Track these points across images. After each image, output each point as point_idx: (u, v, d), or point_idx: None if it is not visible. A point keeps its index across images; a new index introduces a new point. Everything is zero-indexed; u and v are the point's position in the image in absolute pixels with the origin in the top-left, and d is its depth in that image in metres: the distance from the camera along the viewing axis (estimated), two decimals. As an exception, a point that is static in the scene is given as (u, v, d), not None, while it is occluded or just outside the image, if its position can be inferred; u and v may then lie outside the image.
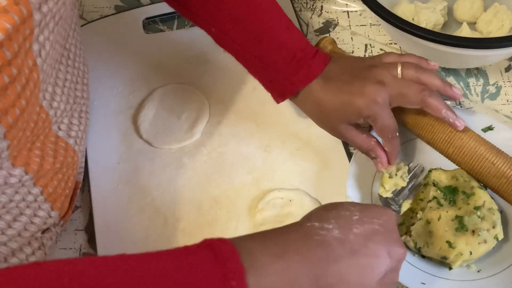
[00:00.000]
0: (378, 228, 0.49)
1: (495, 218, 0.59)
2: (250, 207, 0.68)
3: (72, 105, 0.61)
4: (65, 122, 0.60)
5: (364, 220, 0.49)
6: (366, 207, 0.51)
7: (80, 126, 0.63)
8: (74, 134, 0.61)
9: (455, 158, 0.63)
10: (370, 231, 0.48)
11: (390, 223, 0.50)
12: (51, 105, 0.57)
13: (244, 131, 0.75)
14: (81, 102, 0.63)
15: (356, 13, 0.88)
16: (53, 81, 0.56)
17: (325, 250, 0.46)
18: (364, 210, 0.50)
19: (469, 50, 0.70)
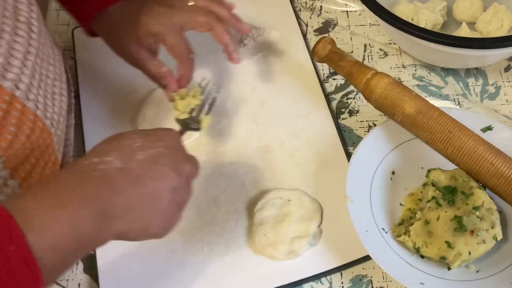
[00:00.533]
0: (162, 150, 0.50)
1: (494, 218, 0.59)
2: (249, 207, 0.68)
3: (39, 82, 0.59)
4: (40, 101, 0.59)
5: (146, 145, 0.50)
6: (148, 132, 0.52)
7: (55, 108, 0.62)
8: (49, 116, 0.61)
9: (454, 158, 0.63)
10: (154, 155, 0.49)
11: (174, 142, 0.52)
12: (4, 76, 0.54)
13: (243, 131, 0.75)
14: (49, 82, 0.62)
15: (356, 13, 0.88)
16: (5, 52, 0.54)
17: (106, 183, 0.46)
18: (146, 135, 0.51)
19: (469, 50, 0.70)
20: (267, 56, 0.83)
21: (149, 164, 0.48)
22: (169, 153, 0.50)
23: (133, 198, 0.47)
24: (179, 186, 0.50)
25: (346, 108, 0.78)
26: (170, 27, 0.67)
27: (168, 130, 0.53)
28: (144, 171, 0.48)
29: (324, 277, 0.64)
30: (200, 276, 0.64)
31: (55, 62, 0.65)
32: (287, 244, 0.64)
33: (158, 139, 0.51)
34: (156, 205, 0.48)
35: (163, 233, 0.52)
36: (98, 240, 0.47)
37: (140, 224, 0.48)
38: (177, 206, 0.51)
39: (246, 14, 0.87)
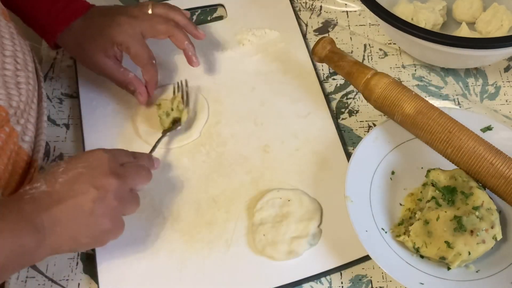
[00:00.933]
0: (82, 171, 0.56)
1: (493, 218, 0.59)
2: (249, 207, 0.68)
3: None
4: (1, 92, 0.60)
5: (68, 168, 0.57)
6: (74, 157, 0.59)
7: (21, 97, 0.63)
8: (15, 105, 0.62)
9: (454, 158, 0.63)
10: (74, 176, 0.56)
11: (95, 161, 0.58)
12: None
13: (243, 131, 0.75)
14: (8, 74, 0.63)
15: (355, 13, 0.88)
16: None
17: (35, 204, 0.54)
18: (70, 160, 0.58)
19: (468, 50, 0.70)
20: (267, 56, 0.83)
21: (70, 184, 0.55)
22: (88, 172, 0.56)
23: (57, 215, 0.54)
24: (98, 198, 0.55)
25: (346, 108, 0.78)
26: (132, 36, 0.72)
27: (93, 151, 0.59)
28: (65, 191, 0.55)
29: (324, 277, 0.64)
30: (200, 276, 0.64)
31: (16, 53, 0.65)
32: (286, 244, 0.64)
33: (80, 161, 0.58)
34: (79, 218, 0.55)
35: (96, 242, 0.58)
36: (34, 255, 0.53)
37: (69, 236, 0.55)
38: (103, 216, 0.56)
39: (246, 14, 0.87)
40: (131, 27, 0.73)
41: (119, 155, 0.61)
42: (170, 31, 0.74)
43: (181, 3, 0.88)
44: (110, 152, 0.60)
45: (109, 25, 0.73)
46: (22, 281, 0.65)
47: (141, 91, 0.75)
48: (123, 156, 0.62)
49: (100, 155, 0.58)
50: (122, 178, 0.58)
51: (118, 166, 0.59)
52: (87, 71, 0.81)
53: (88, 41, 0.73)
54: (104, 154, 0.59)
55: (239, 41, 0.84)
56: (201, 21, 0.89)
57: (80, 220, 0.55)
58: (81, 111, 0.77)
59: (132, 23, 0.73)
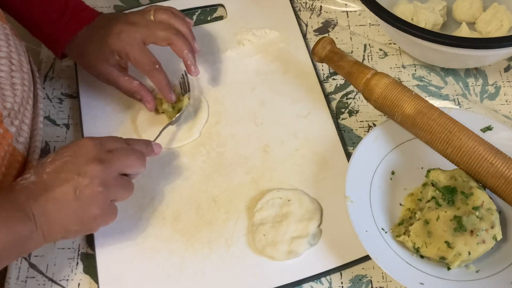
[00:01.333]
0: (67, 159, 0.58)
1: (493, 218, 0.59)
2: (249, 207, 0.68)
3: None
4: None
5: (55, 158, 0.58)
6: (62, 147, 0.60)
7: (16, 98, 0.63)
8: (9, 106, 0.62)
9: (454, 158, 0.63)
10: (59, 165, 0.57)
11: (81, 150, 0.58)
12: None
13: (242, 131, 0.75)
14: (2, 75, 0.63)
15: (355, 13, 0.88)
16: None
17: (24, 194, 0.55)
18: (58, 151, 0.59)
19: (468, 50, 0.70)
20: (267, 56, 0.83)
21: (55, 173, 0.57)
22: (72, 160, 0.58)
23: (45, 204, 0.55)
24: (82, 185, 0.56)
25: (346, 108, 0.78)
26: (130, 44, 0.72)
27: (80, 140, 0.60)
28: (51, 180, 0.56)
29: (324, 277, 0.64)
30: (200, 276, 0.64)
31: (11, 54, 0.65)
32: (286, 244, 0.64)
33: (66, 151, 0.59)
34: (65, 206, 0.56)
35: (85, 228, 0.59)
36: (29, 240, 0.55)
37: (58, 224, 0.56)
38: (89, 203, 0.57)
39: (246, 14, 0.87)
40: (129, 34, 0.72)
41: (107, 141, 0.61)
42: (170, 38, 0.72)
43: (181, 3, 0.88)
44: (97, 140, 0.60)
45: (108, 34, 0.72)
46: (22, 281, 0.65)
47: (148, 99, 0.74)
48: (112, 142, 0.61)
49: (85, 142, 0.59)
50: (106, 163, 0.58)
51: (103, 152, 0.59)
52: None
53: (90, 50, 0.73)
54: (90, 142, 0.59)
55: (239, 41, 0.84)
56: (201, 21, 0.89)
57: (66, 208, 0.56)
58: (81, 111, 0.78)
59: (130, 30, 0.72)
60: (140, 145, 0.64)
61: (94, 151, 0.58)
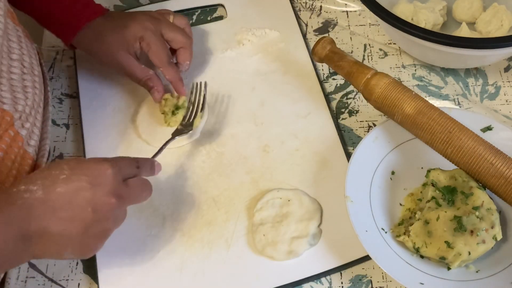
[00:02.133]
0: (85, 185, 0.52)
1: (494, 218, 0.59)
2: (249, 207, 0.68)
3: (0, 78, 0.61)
4: (6, 96, 0.59)
5: (71, 178, 0.52)
6: (79, 164, 0.54)
7: (27, 101, 0.63)
8: (21, 109, 0.61)
9: (454, 158, 0.63)
10: (75, 189, 0.52)
11: (100, 177, 0.53)
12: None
13: (242, 131, 0.75)
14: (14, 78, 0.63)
15: (355, 13, 0.88)
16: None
17: (26, 211, 0.50)
18: (75, 167, 0.53)
19: (468, 50, 0.70)
20: (267, 56, 0.82)
21: (68, 197, 0.52)
22: (91, 188, 0.52)
23: (48, 225, 0.51)
24: (95, 220, 0.53)
25: (346, 108, 0.78)
26: (155, 34, 0.74)
27: (100, 164, 0.54)
28: (62, 203, 0.51)
29: (324, 277, 0.64)
30: (200, 276, 0.64)
31: (23, 57, 0.65)
32: (286, 244, 0.64)
33: (85, 173, 0.53)
34: (69, 235, 0.52)
35: (79, 257, 0.56)
36: (15, 260, 0.53)
37: (54, 249, 0.53)
38: (92, 238, 0.54)
39: (246, 14, 0.87)
40: (154, 25, 0.74)
41: (124, 168, 0.57)
42: (186, 43, 0.76)
43: (181, 3, 0.88)
44: (116, 167, 0.55)
45: (132, 23, 0.74)
46: (22, 281, 0.65)
47: (159, 89, 0.74)
48: (127, 168, 0.58)
49: (106, 170, 0.54)
50: (123, 199, 0.55)
51: (122, 186, 0.55)
52: (87, 71, 0.81)
53: (110, 37, 0.73)
54: (110, 170, 0.54)
55: (239, 41, 0.84)
56: (201, 21, 0.89)
57: (70, 237, 0.52)
58: (81, 111, 0.78)
59: (154, 22, 0.75)
60: (147, 168, 0.61)
61: (114, 183, 0.54)
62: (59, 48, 0.85)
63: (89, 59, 0.82)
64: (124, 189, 0.55)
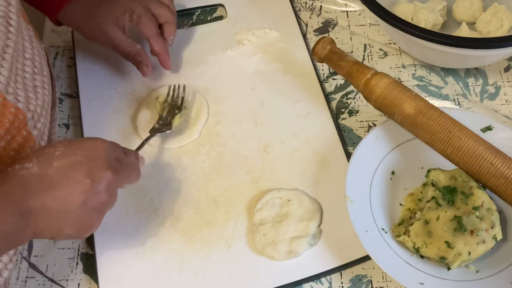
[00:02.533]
0: (81, 159, 0.53)
1: (494, 218, 0.59)
2: (249, 207, 0.68)
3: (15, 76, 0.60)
4: (21, 94, 0.60)
5: (66, 153, 0.53)
6: (73, 141, 0.56)
7: (38, 101, 0.63)
8: (32, 108, 0.61)
9: (454, 158, 0.63)
10: (71, 163, 0.53)
11: (95, 151, 0.55)
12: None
13: (242, 131, 0.75)
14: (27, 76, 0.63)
15: (355, 13, 0.88)
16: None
17: (23, 187, 0.50)
18: (69, 144, 0.55)
19: (468, 50, 0.70)
20: (267, 56, 0.82)
21: (65, 171, 0.52)
22: (87, 161, 0.53)
23: (47, 201, 0.51)
24: (93, 192, 0.53)
25: (346, 108, 0.78)
26: (144, 6, 0.75)
27: (93, 139, 0.56)
28: (59, 177, 0.52)
29: (324, 277, 0.64)
30: (200, 276, 0.64)
31: (34, 56, 0.65)
32: (286, 244, 0.64)
33: (79, 148, 0.54)
34: (68, 209, 0.52)
35: (78, 234, 0.55)
36: (18, 239, 0.51)
37: (54, 224, 0.52)
38: (92, 211, 0.54)
39: (246, 14, 0.87)
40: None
41: (116, 148, 0.59)
42: (171, 18, 0.77)
43: (181, 3, 0.88)
44: (110, 144, 0.57)
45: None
46: (22, 281, 0.65)
47: (147, 63, 0.76)
48: (119, 150, 0.60)
49: (101, 145, 0.56)
50: (117, 173, 0.56)
51: (115, 161, 0.57)
52: (87, 71, 0.81)
53: (100, 10, 0.74)
54: (104, 145, 0.56)
55: (239, 41, 0.84)
56: (201, 21, 0.89)
57: (69, 210, 0.52)
58: (81, 111, 0.77)
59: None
60: (132, 157, 0.62)
61: (109, 158, 0.55)
62: (59, 48, 0.85)
63: (89, 59, 0.83)
64: (117, 164, 0.56)
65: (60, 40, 0.87)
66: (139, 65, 0.76)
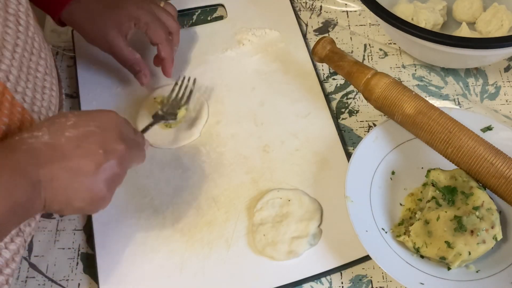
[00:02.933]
0: (94, 130, 0.52)
1: (494, 218, 0.59)
2: (249, 207, 0.68)
3: (27, 75, 0.60)
4: (28, 94, 0.59)
5: (79, 123, 0.52)
6: (85, 112, 0.54)
7: (43, 102, 0.63)
8: (37, 109, 0.61)
9: (454, 158, 0.63)
10: (84, 133, 0.51)
11: (109, 123, 0.54)
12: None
13: (243, 131, 0.75)
14: (38, 76, 0.62)
15: (355, 13, 0.88)
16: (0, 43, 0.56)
17: (33, 156, 0.48)
18: (82, 115, 0.54)
19: (468, 50, 0.70)
20: (267, 56, 0.82)
21: (78, 141, 0.51)
22: (101, 133, 0.52)
23: (58, 171, 0.49)
24: (106, 164, 0.52)
25: (346, 108, 0.78)
26: (150, 12, 0.74)
27: (107, 112, 0.55)
28: (71, 147, 0.50)
29: (324, 277, 0.64)
30: (200, 276, 0.64)
31: (46, 57, 0.65)
32: (287, 244, 0.64)
33: (93, 119, 0.53)
34: (79, 179, 0.50)
35: (88, 208, 0.53)
36: (30, 209, 0.49)
37: (64, 195, 0.50)
38: (104, 183, 0.52)
39: (246, 14, 0.87)
40: (147, 4, 0.74)
41: (128, 124, 0.58)
42: (175, 28, 0.77)
43: (181, 3, 0.88)
44: (123, 119, 0.56)
45: (126, 2, 0.73)
46: (22, 281, 0.65)
47: (145, 73, 0.75)
48: (130, 127, 0.58)
49: (114, 117, 0.55)
50: (129, 148, 0.54)
51: (127, 135, 0.55)
52: (87, 71, 0.81)
53: (103, 15, 0.73)
54: (118, 118, 0.55)
55: (239, 41, 0.84)
56: (201, 21, 0.89)
57: (81, 181, 0.50)
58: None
59: (147, 3, 0.75)
60: (139, 137, 0.61)
61: (122, 130, 0.54)
62: (59, 48, 0.85)
63: (89, 59, 0.83)
64: (129, 139, 0.55)
65: (60, 40, 0.87)
66: (137, 75, 0.76)
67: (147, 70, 0.76)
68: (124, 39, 0.74)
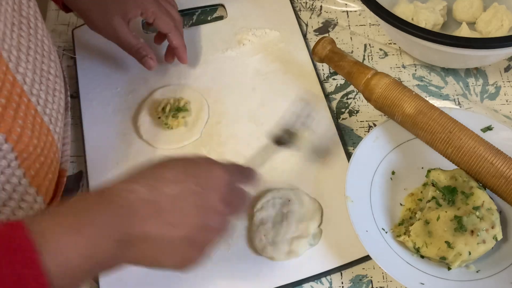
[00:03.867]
0: (195, 188, 0.48)
1: (494, 218, 0.59)
2: (249, 207, 0.68)
3: (40, 77, 0.60)
4: (42, 96, 0.59)
5: (179, 178, 0.48)
6: (187, 163, 0.49)
7: (54, 105, 0.63)
8: (48, 112, 0.61)
9: (454, 158, 0.63)
10: (184, 192, 0.47)
11: (212, 182, 0.49)
12: (17, 69, 0.55)
13: (243, 131, 0.75)
14: (50, 78, 0.63)
15: (356, 13, 0.88)
16: (16, 45, 0.56)
17: (128, 213, 0.45)
18: (185, 165, 0.49)
19: (469, 50, 0.70)
20: (267, 56, 0.82)
21: (176, 201, 0.47)
22: (201, 193, 0.48)
23: (151, 229, 0.46)
24: (200, 228, 0.48)
25: (346, 108, 0.78)
26: (155, 1, 0.74)
27: (213, 168, 0.50)
28: (168, 207, 0.46)
29: (324, 277, 0.64)
30: (200, 276, 0.64)
31: (56, 59, 0.65)
32: (287, 244, 0.64)
33: (195, 175, 0.49)
34: (171, 241, 0.47)
35: (178, 269, 0.49)
36: (111, 267, 0.47)
37: (152, 255, 0.47)
38: (196, 247, 0.49)
39: (246, 14, 0.87)
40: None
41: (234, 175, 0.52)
42: (179, 20, 0.77)
43: (181, 3, 0.88)
44: (228, 173, 0.51)
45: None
46: (22, 281, 0.65)
47: (152, 56, 0.75)
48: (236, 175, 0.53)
49: (220, 175, 0.50)
50: (230, 208, 0.50)
51: (230, 192, 0.51)
52: (87, 71, 0.81)
53: (111, 4, 0.72)
54: (224, 176, 0.50)
55: (239, 41, 0.84)
56: (201, 21, 0.89)
57: (173, 243, 0.47)
58: (81, 111, 0.77)
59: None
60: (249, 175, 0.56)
61: (226, 190, 0.50)
62: (59, 48, 0.85)
63: (89, 59, 0.82)
64: (233, 197, 0.51)
65: (60, 40, 0.87)
66: (143, 59, 0.75)
67: (152, 53, 0.75)
68: (127, 25, 0.74)
